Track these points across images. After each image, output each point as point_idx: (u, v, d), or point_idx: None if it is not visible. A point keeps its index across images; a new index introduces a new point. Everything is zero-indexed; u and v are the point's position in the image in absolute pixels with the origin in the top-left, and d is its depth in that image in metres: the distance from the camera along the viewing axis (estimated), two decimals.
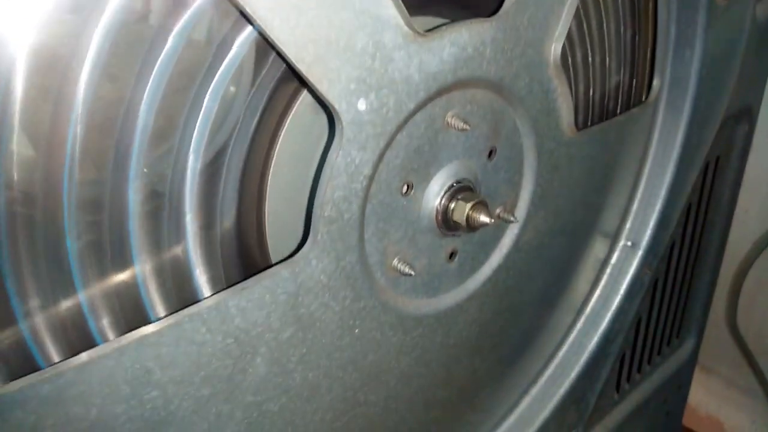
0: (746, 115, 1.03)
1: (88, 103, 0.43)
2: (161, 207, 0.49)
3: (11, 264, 0.43)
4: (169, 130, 0.47)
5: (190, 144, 0.48)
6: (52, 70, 0.41)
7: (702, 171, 1.02)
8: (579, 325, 0.95)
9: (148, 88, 0.45)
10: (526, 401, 0.93)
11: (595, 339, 0.95)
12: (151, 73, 0.45)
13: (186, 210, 0.50)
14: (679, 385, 1.32)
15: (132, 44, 0.43)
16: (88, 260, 0.47)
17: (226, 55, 0.47)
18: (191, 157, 0.48)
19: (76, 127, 0.43)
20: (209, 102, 0.48)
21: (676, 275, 1.10)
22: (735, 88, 0.94)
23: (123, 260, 0.48)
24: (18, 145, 0.42)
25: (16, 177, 0.42)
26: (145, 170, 0.47)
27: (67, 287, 0.47)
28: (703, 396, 1.88)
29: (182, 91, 0.46)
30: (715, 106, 0.91)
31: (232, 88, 0.49)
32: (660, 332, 1.15)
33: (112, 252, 0.48)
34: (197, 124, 0.48)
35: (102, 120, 0.44)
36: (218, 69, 0.47)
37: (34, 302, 0.45)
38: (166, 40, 0.44)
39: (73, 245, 0.46)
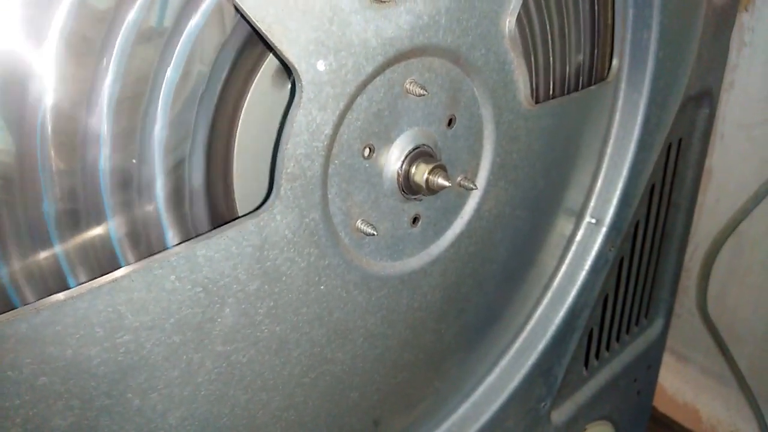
0: (707, 98, 1.07)
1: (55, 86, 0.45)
2: (131, 172, 0.52)
3: None
4: (135, 103, 0.50)
5: (156, 114, 0.51)
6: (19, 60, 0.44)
7: (665, 152, 1.06)
8: (546, 299, 0.98)
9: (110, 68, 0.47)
10: (495, 372, 0.96)
11: (562, 313, 0.99)
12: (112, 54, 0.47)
13: (156, 172, 0.53)
14: (649, 365, 1.36)
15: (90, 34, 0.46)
16: (64, 219, 0.50)
17: (186, 24, 0.50)
18: (158, 123, 0.51)
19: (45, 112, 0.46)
20: (172, 72, 0.50)
21: (642, 255, 1.14)
22: (694, 70, 0.98)
23: (97, 218, 0.51)
24: None
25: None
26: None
27: (45, 241, 0.49)
28: (680, 384, 1.92)
29: (145, 60, 0.49)
30: (674, 87, 0.95)
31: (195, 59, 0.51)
32: (628, 311, 1.19)
33: (87, 211, 0.51)
34: (161, 93, 0.51)
35: (70, 103, 0.46)
36: (179, 38, 0.50)
37: (13, 255, 0.48)
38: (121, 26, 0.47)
39: (50, 206, 0.49)
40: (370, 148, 0.59)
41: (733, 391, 1.75)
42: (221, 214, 0.58)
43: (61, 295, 0.45)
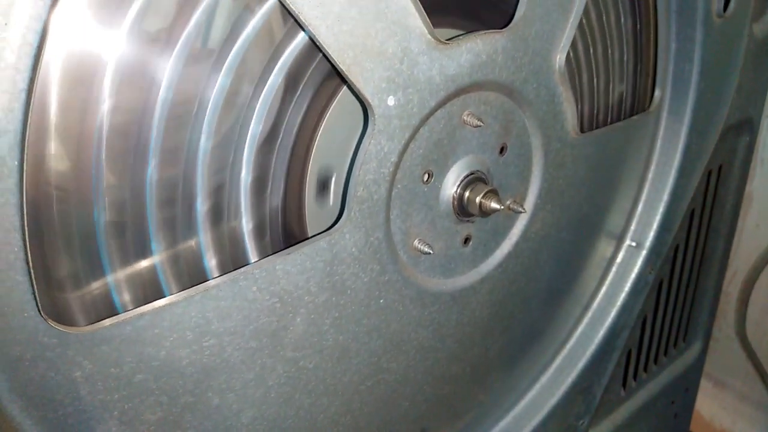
0: (747, 127, 1.10)
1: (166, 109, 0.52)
2: (222, 194, 0.58)
3: (105, 233, 0.52)
4: (228, 135, 0.56)
5: (245, 141, 0.57)
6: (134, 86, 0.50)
7: (705, 179, 1.09)
8: (586, 319, 1.02)
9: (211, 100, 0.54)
10: (536, 388, 1.00)
11: (601, 333, 1.02)
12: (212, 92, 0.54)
13: (241, 195, 0.59)
14: (687, 387, 1.37)
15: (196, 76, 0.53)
16: (160, 233, 0.56)
17: (272, 70, 0.56)
18: (245, 153, 0.58)
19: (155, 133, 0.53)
20: (260, 107, 0.57)
21: (681, 278, 1.16)
22: (734, 100, 1.01)
23: (190, 232, 0.57)
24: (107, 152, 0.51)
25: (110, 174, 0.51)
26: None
27: (145, 251, 0.56)
28: (718, 410, 1.91)
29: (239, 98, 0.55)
30: (715, 117, 0.98)
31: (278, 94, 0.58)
32: (666, 333, 1.22)
33: (182, 226, 0.57)
34: (250, 127, 0.57)
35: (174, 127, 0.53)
36: (267, 79, 0.57)
37: (117, 262, 0.55)
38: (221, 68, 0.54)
39: (152, 223, 0.55)
40: (429, 174, 0.64)
41: None
42: (293, 233, 0.63)
43: (161, 301, 0.51)
